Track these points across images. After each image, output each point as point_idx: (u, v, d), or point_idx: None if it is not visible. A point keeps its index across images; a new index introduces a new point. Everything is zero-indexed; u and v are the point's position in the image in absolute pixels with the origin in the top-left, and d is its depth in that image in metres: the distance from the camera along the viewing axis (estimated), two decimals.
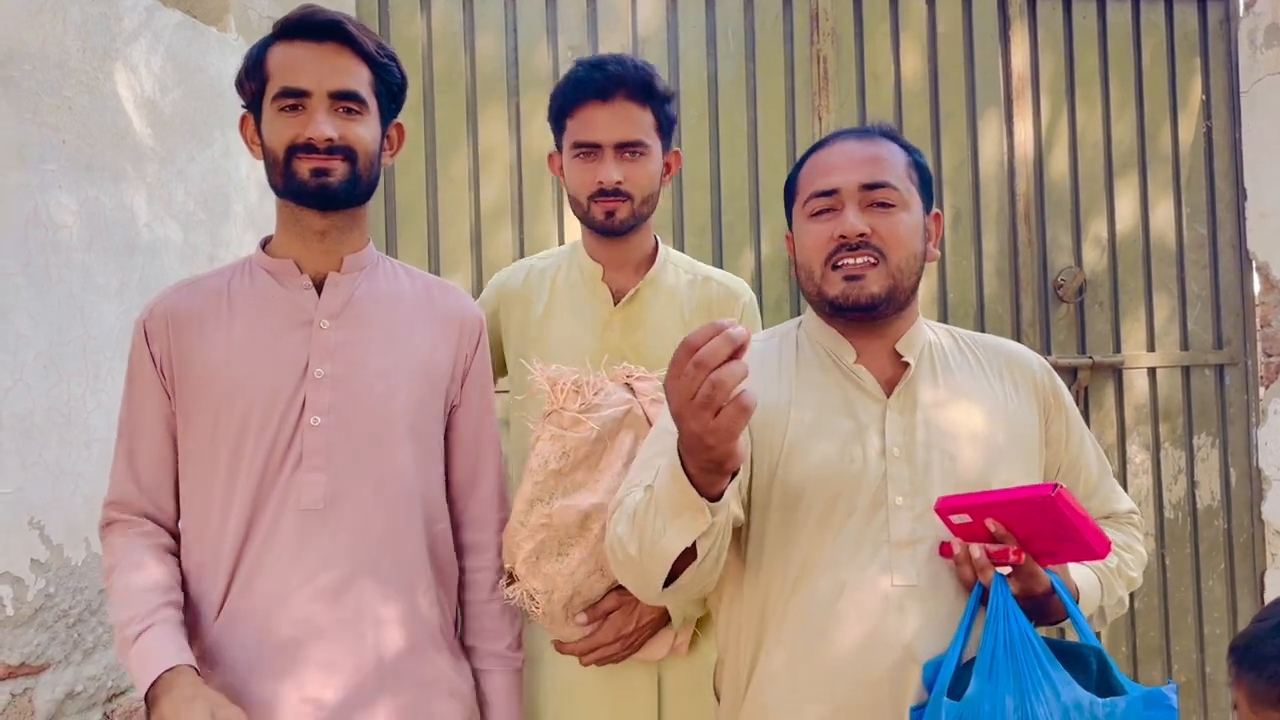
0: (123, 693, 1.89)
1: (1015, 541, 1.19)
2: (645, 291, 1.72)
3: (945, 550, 1.23)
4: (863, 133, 1.38)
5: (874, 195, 1.30)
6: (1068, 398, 1.43)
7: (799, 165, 1.41)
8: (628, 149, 1.63)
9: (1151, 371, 3.08)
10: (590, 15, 2.81)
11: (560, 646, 1.56)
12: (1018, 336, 2.97)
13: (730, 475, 1.10)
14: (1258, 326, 3.15)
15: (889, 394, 1.33)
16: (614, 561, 1.26)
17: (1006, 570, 1.18)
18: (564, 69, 2.79)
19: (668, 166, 1.73)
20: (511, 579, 1.50)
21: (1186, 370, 3.11)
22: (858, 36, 2.95)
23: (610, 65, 1.63)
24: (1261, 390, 3.14)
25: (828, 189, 1.32)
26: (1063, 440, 1.41)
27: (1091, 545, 1.18)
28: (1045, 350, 2.99)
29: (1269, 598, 3.11)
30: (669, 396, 1.03)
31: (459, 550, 1.53)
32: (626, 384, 1.51)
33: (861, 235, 1.28)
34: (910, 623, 1.23)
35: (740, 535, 1.33)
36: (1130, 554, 1.42)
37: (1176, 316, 3.12)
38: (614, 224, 1.65)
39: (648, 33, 2.84)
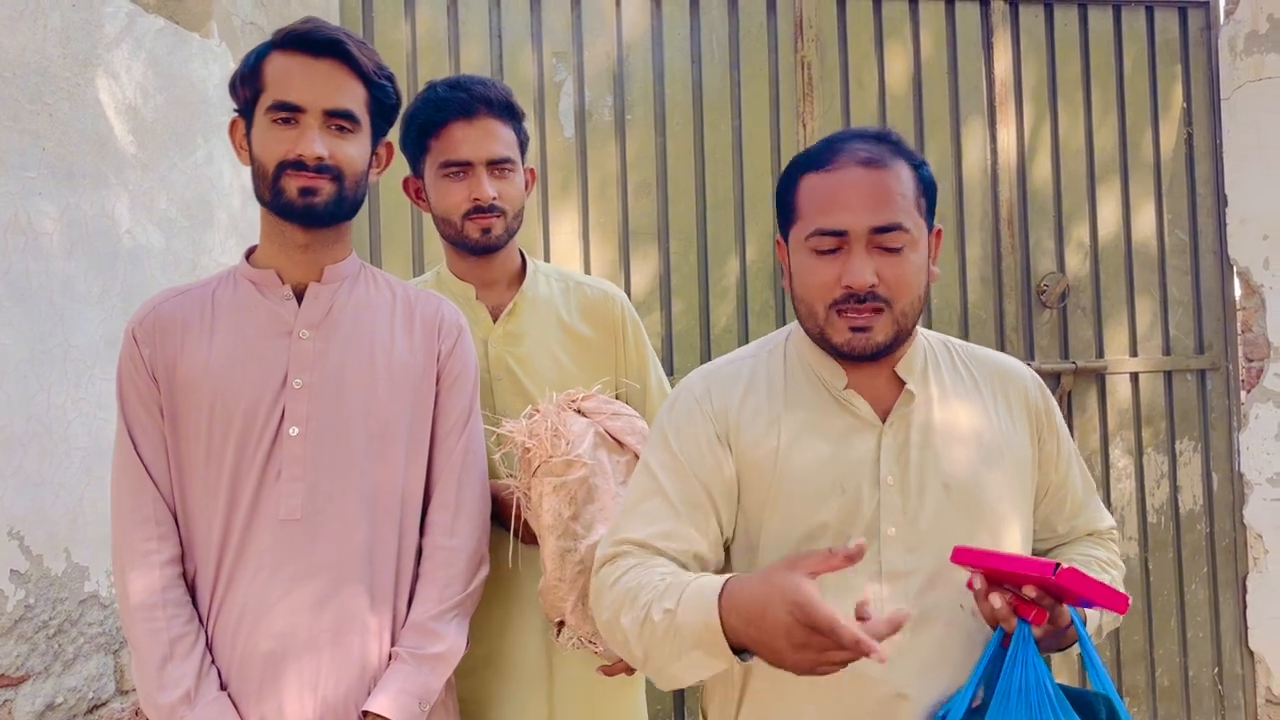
0: (103, 704, 1.87)
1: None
2: (522, 305, 1.74)
3: (970, 583, 1.20)
4: (870, 155, 1.24)
5: (884, 239, 1.22)
6: (1058, 415, 1.41)
7: (797, 176, 1.29)
8: (498, 166, 1.66)
9: (1134, 376, 3.11)
10: (575, 22, 2.81)
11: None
12: (1001, 342, 2.99)
13: None
14: (1239, 331, 3.18)
15: (883, 419, 1.29)
16: (610, 639, 1.23)
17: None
18: (549, 75, 2.81)
19: (526, 184, 1.75)
20: (561, 627, 1.53)
21: (1169, 375, 3.13)
22: (842, 43, 2.96)
23: (472, 85, 1.67)
24: (1243, 394, 3.16)
25: (836, 229, 1.22)
26: (1053, 460, 1.39)
27: (1108, 608, 1.16)
28: (1028, 356, 3.01)
29: (1250, 600, 3.13)
30: (775, 636, 1.01)
31: (418, 551, 1.47)
32: (577, 410, 1.53)
33: (870, 288, 1.21)
34: (900, 656, 1.21)
35: (731, 561, 1.32)
36: (1115, 570, 1.41)
37: (1158, 322, 3.15)
38: (490, 240, 1.67)
39: (632, 40, 2.84)
